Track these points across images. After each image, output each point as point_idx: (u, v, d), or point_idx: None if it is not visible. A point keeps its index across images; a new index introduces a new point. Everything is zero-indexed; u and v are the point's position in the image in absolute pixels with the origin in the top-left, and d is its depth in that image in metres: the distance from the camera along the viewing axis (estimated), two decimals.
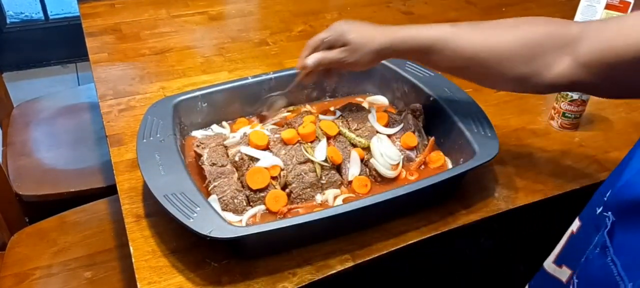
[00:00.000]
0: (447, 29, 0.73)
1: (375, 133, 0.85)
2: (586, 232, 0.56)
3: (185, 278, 0.69)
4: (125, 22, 1.33)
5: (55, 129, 1.42)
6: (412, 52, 0.76)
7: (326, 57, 0.79)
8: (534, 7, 1.52)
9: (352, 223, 0.76)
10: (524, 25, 0.71)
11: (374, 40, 0.76)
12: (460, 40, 0.72)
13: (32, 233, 1.10)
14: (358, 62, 0.78)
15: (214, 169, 0.77)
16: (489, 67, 0.71)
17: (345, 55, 0.77)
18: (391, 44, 0.75)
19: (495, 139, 0.81)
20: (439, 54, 0.74)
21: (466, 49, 0.72)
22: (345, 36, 0.77)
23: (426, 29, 0.74)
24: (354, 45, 0.76)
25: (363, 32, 0.76)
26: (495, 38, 0.71)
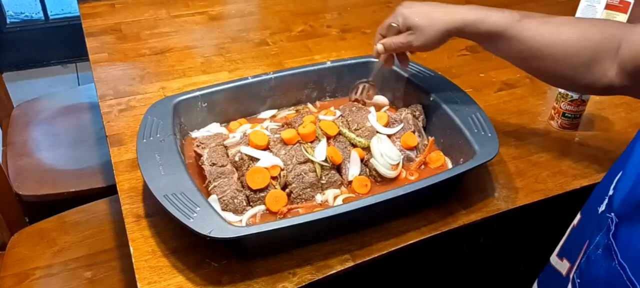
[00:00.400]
0: (516, 17, 0.73)
1: (375, 133, 0.85)
2: (586, 227, 0.56)
3: (185, 278, 0.69)
4: (125, 22, 1.33)
5: (55, 129, 1.42)
6: (477, 35, 0.76)
7: (393, 42, 0.80)
8: (534, 7, 1.52)
9: (352, 223, 0.76)
10: (586, 25, 0.71)
11: (439, 22, 0.76)
12: (527, 32, 0.72)
13: (32, 233, 1.10)
14: (425, 44, 0.78)
15: (214, 169, 0.77)
16: (550, 63, 0.72)
17: (412, 38, 0.78)
18: (458, 25, 0.75)
19: (495, 139, 0.81)
20: (505, 42, 0.74)
21: (531, 41, 0.72)
22: (408, 20, 0.77)
23: (495, 14, 0.74)
24: (419, 28, 0.76)
25: (426, 14, 0.76)
26: (560, 34, 0.71)
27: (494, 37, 0.75)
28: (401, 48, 0.81)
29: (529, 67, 0.78)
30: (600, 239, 0.50)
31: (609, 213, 0.50)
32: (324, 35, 1.33)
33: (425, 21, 0.76)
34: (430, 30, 0.76)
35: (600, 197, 0.54)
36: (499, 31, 0.74)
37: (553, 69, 0.73)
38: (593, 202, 0.57)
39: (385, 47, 0.82)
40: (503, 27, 0.73)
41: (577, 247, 0.56)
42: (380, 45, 0.82)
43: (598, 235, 0.51)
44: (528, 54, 0.74)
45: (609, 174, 0.56)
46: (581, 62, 0.70)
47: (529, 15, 0.74)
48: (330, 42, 1.29)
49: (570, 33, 0.71)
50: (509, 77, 1.17)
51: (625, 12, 1.11)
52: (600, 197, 0.54)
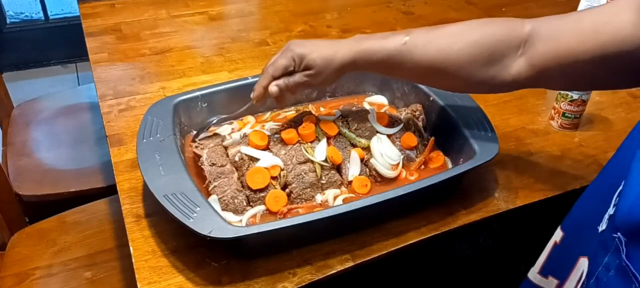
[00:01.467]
0: (401, 40, 0.72)
1: (375, 133, 0.85)
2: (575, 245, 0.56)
3: (185, 278, 0.69)
4: (125, 22, 1.33)
5: (55, 129, 1.42)
6: (373, 66, 0.75)
7: (289, 83, 0.76)
8: (534, 7, 1.52)
9: (352, 223, 0.76)
10: (476, 30, 0.70)
11: (336, 59, 0.73)
12: (416, 51, 0.71)
13: (32, 233, 1.10)
14: (323, 82, 0.76)
15: (214, 169, 0.77)
16: (449, 74, 0.71)
17: (309, 79, 0.75)
18: (353, 59, 0.74)
19: (495, 139, 0.81)
20: (399, 67, 0.73)
21: (424, 59, 0.71)
22: (306, 59, 0.74)
23: (383, 42, 0.73)
24: (318, 68, 0.74)
25: (323, 52, 0.74)
26: (450, 47, 0.70)
27: (386, 65, 0.73)
28: (297, 88, 0.77)
29: (432, 83, 0.78)
30: (609, 260, 0.49)
31: (614, 232, 0.48)
32: (324, 35, 1.33)
33: (324, 60, 0.73)
34: (329, 70, 0.74)
35: (593, 214, 0.53)
36: (390, 58, 0.72)
37: (453, 81, 0.73)
38: (582, 219, 0.57)
39: (281, 88, 0.76)
40: (392, 52, 0.72)
41: (565, 265, 0.55)
42: (275, 86, 0.76)
43: (605, 255, 0.49)
44: (424, 72, 0.73)
45: (599, 189, 0.55)
46: (478, 67, 0.69)
47: (414, 33, 0.72)
48: None
49: (461, 43, 0.70)
50: None
51: None
52: (596, 214, 0.53)
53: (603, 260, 0.50)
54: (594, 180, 0.58)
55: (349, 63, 0.74)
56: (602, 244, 0.50)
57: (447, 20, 1.42)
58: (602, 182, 0.56)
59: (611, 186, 0.52)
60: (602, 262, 0.50)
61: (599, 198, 0.53)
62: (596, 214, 0.53)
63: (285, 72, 0.76)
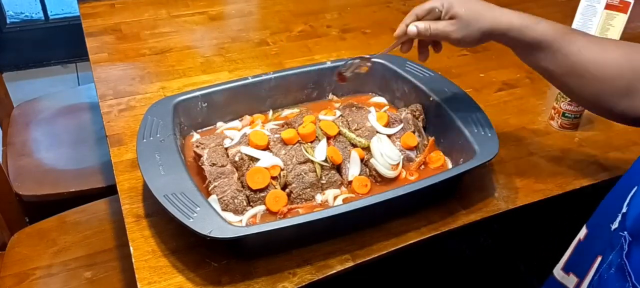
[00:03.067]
0: (564, 30, 0.69)
1: (375, 133, 0.85)
2: (595, 243, 0.55)
3: (185, 278, 0.69)
4: (125, 22, 1.33)
5: (55, 128, 1.42)
6: (520, 42, 0.71)
7: (431, 27, 0.73)
8: (534, 6, 1.52)
9: (352, 223, 0.76)
10: (632, 50, 0.68)
11: (485, 19, 0.71)
12: (574, 46, 0.69)
13: (32, 233, 1.10)
14: (464, 39, 0.73)
15: (214, 169, 0.77)
16: (593, 82, 0.68)
17: (453, 29, 0.72)
18: (503, 28, 0.71)
19: (495, 139, 0.81)
20: (549, 54, 0.70)
21: (576, 58, 0.69)
22: (454, 9, 0.71)
23: (542, 23, 0.70)
24: (464, 20, 0.71)
25: (475, 8, 0.71)
26: (604, 55, 0.68)
27: (537, 47, 0.70)
28: (437, 36, 0.74)
29: (565, 85, 0.73)
30: (613, 258, 0.49)
31: (622, 231, 0.49)
32: (324, 35, 1.33)
33: (472, 15, 0.71)
34: (475, 26, 0.71)
35: (611, 212, 0.53)
36: (546, 42, 0.69)
37: (591, 90, 0.69)
38: (602, 217, 0.56)
39: (420, 30, 0.74)
40: (550, 38, 0.69)
41: (585, 263, 0.55)
42: (414, 27, 0.74)
43: (611, 253, 0.50)
44: (569, 69, 0.70)
45: (620, 188, 0.55)
46: (622, 86, 0.67)
47: (576, 30, 0.70)
48: (330, 42, 1.29)
49: (615, 53, 0.68)
50: (509, 77, 1.17)
51: (625, 12, 1.11)
52: (612, 212, 0.53)
53: (608, 257, 0.50)
54: (620, 179, 0.57)
55: (500, 30, 0.71)
56: (611, 242, 0.50)
57: None
58: (624, 180, 0.56)
59: (628, 187, 0.52)
60: (607, 259, 0.50)
61: (618, 197, 0.53)
62: (613, 213, 0.52)
63: (431, 16, 0.74)
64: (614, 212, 0.52)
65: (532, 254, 1.22)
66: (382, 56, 0.96)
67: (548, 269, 0.66)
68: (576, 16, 1.17)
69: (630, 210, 0.49)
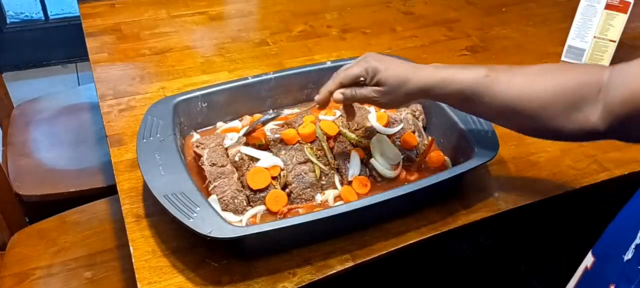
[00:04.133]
0: (483, 73, 0.69)
1: (375, 133, 0.85)
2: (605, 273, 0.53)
3: (185, 278, 0.69)
4: (125, 22, 1.33)
5: (55, 129, 1.41)
6: (446, 96, 0.72)
7: (356, 94, 0.74)
8: (534, 6, 1.52)
9: (352, 223, 0.76)
10: (559, 72, 0.68)
11: (409, 83, 0.71)
12: (498, 87, 0.68)
13: (32, 233, 1.10)
14: (390, 103, 0.74)
15: (214, 169, 0.77)
16: (527, 115, 0.68)
17: (378, 95, 0.73)
18: (427, 87, 0.71)
19: (495, 139, 0.81)
20: (477, 101, 0.70)
21: (503, 97, 0.68)
22: (379, 75, 0.72)
23: (462, 72, 0.70)
24: (389, 87, 0.72)
25: (398, 73, 0.71)
26: (532, 86, 0.67)
27: (463, 97, 0.70)
28: (365, 102, 0.75)
29: (506, 123, 0.74)
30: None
31: (638, 264, 0.47)
32: (324, 35, 1.33)
33: (397, 81, 0.71)
34: (400, 91, 0.72)
35: (622, 241, 0.51)
36: (469, 90, 0.69)
37: (531, 123, 0.69)
38: (611, 246, 0.54)
39: (346, 97, 0.74)
40: (473, 85, 0.69)
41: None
42: (340, 94, 0.74)
43: (628, 286, 0.48)
44: (501, 110, 0.69)
45: (630, 214, 0.53)
46: (558, 111, 0.66)
47: (496, 69, 0.70)
48: (330, 42, 1.29)
49: (543, 83, 0.67)
50: None
51: (625, 12, 1.11)
52: (623, 241, 0.51)
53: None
54: (628, 202, 0.55)
55: (423, 90, 0.72)
56: (626, 275, 0.49)
57: (447, 21, 1.42)
58: (633, 206, 0.54)
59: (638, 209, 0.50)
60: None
61: (629, 224, 0.51)
62: (624, 241, 0.51)
63: (355, 82, 0.74)
64: (625, 241, 0.50)
65: (532, 254, 1.22)
66: None
67: (548, 269, 0.66)
68: (576, 16, 1.18)
69: None
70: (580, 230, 0.65)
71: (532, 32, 1.38)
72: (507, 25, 1.42)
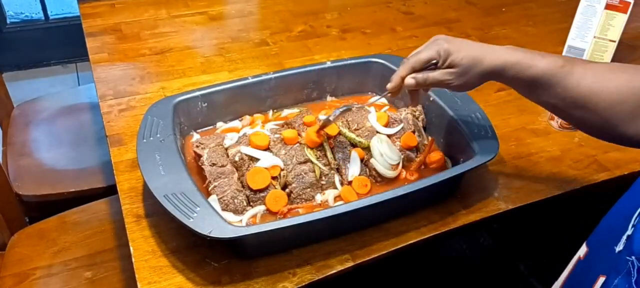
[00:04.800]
0: (559, 63, 0.67)
1: (375, 133, 0.85)
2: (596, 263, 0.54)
3: (185, 278, 0.69)
4: (125, 22, 1.33)
5: (55, 129, 1.41)
6: (518, 80, 0.70)
7: (429, 78, 0.72)
8: (534, 6, 1.52)
9: (352, 223, 0.76)
10: (632, 74, 0.66)
11: (483, 62, 0.70)
12: (571, 78, 0.67)
13: (32, 233, 1.10)
14: (464, 85, 0.72)
15: (214, 169, 0.77)
16: (596, 111, 0.66)
17: (451, 77, 0.71)
18: (501, 68, 0.69)
19: (495, 139, 0.81)
20: (547, 89, 0.69)
21: (577, 88, 0.67)
22: (452, 57, 0.70)
23: (538, 59, 0.68)
24: (462, 68, 0.70)
25: (471, 53, 0.70)
26: (604, 83, 0.66)
27: (536, 85, 0.69)
28: (437, 86, 0.74)
29: (570, 117, 0.71)
30: (619, 283, 0.48)
31: (629, 255, 0.47)
32: (324, 35, 1.33)
33: (470, 62, 0.70)
34: (473, 72, 0.70)
35: (615, 232, 0.51)
36: (543, 78, 0.68)
37: (596, 119, 0.67)
38: (604, 236, 0.55)
39: (418, 81, 0.72)
40: (548, 74, 0.67)
41: (586, 282, 0.54)
42: (412, 79, 0.72)
43: (616, 277, 0.49)
44: (570, 102, 0.68)
45: (624, 207, 0.54)
46: (627, 112, 0.65)
47: (572, 61, 0.68)
48: (330, 42, 1.29)
49: (616, 80, 0.65)
50: None
51: (625, 12, 1.11)
52: (615, 233, 0.51)
53: (613, 282, 0.49)
54: (623, 195, 0.56)
55: (497, 70, 0.70)
56: (615, 265, 0.49)
57: (447, 21, 1.42)
58: (628, 199, 0.54)
59: (634, 206, 0.50)
60: (612, 283, 0.49)
61: (622, 217, 0.52)
62: (616, 233, 0.51)
63: (427, 66, 0.73)
64: (617, 233, 0.51)
65: (532, 254, 1.22)
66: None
67: (548, 269, 0.66)
68: (576, 16, 1.18)
69: (637, 233, 0.48)
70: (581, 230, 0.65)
71: (532, 32, 1.38)
72: (507, 25, 1.42)
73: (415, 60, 0.73)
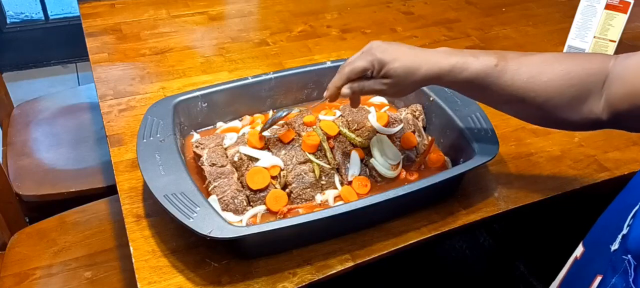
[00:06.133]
0: (493, 63, 0.68)
1: (375, 133, 0.85)
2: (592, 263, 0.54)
3: (185, 278, 0.69)
4: (125, 22, 1.33)
5: (55, 129, 1.41)
6: (455, 84, 0.71)
7: (364, 87, 0.72)
8: (534, 6, 1.52)
9: (352, 223, 0.76)
10: (568, 60, 0.67)
11: (418, 72, 0.69)
12: (506, 75, 0.67)
13: (32, 233, 1.10)
14: (398, 93, 0.73)
15: (214, 169, 0.77)
16: (534, 104, 0.68)
17: (386, 87, 0.71)
18: (436, 75, 0.69)
19: (495, 139, 0.81)
20: (485, 89, 0.69)
21: (512, 85, 0.68)
22: (385, 67, 0.70)
23: (472, 61, 0.68)
24: (397, 78, 0.70)
25: (406, 63, 0.69)
26: (541, 75, 0.67)
27: (472, 85, 0.69)
28: (373, 94, 0.74)
29: (513, 111, 0.73)
30: (616, 282, 0.48)
31: (625, 254, 0.47)
32: (324, 35, 1.33)
33: (404, 72, 0.69)
34: (408, 81, 0.70)
35: (610, 232, 0.51)
36: (477, 79, 0.68)
37: (537, 112, 0.69)
38: (600, 236, 0.55)
39: (354, 90, 0.73)
40: (480, 74, 0.68)
41: (583, 283, 0.54)
42: (348, 88, 0.72)
43: (613, 276, 0.48)
44: (509, 98, 0.69)
45: (619, 206, 0.54)
46: (565, 102, 0.66)
47: (506, 56, 0.69)
48: (330, 42, 1.29)
49: (551, 73, 0.67)
50: None
51: (625, 12, 1.11)
52: (611, 232, 0.51)
53: (610, 281, 0.49)
54: (619, 194, 0.56)
55: (433, 78, 0.70)
56: (612, 264, 0.49)
57: (447, 21, 1.42)
58: (622, 198, 0.54)
59: (629, 205, 0.50)
60: (610, 282, 0.49)
61: (617, 216, 0.52)
62: (612, 232, 0.51)
63: (362, 76, 0.72)
64: (612, 232, 0.51)
65: (532, 254, 1.22)
66: None
67: (548, 269, 0.66)
68: (576, 16, 1.18)
69: (632, 231, 0.48)
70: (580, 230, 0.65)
71: (532, 32, 1.38)
72: (507, 25, 1.42)
73: (350, 70, 0.72)
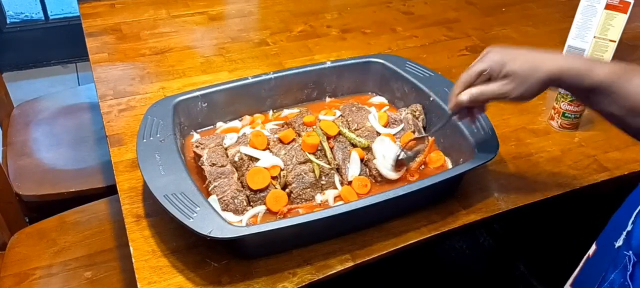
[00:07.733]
0: (619, 71, 0.64)
1: (375, 133, 0.85)
2: (602, 260, 0.54)
3: (185, 278, 0.69)
4: (125, 22, 1.33)
5: (55, 129, 1.41)
6: (577, 88, 0.67)
7: (485, 91, 0.68)
8: (534, 7, 1.52)
9: (352, 223, 0.76)
10: None
11: (541, 69, 0.66)
12: (630, 87, 0.64)
13: (32, 233, 1.10)
14: (523, 95, 0.68)
15: (214, 169, 0.77)
16: None
17: (510, 88, 0.67)
18: (559, 75, 0.66)
19: (495, 139, 0.81)
20: (606, 97, 0.65)
21: (636, 97, 0.64)
22: (507, 67, 0.66)
23: (598, 66, 0.65)
24: (520, 76, 0.66)
25: (527, 60, 0.66)
26: None
27: (595, 92, 0.66)
28: (494, 99, 0.69)
29: (626, 124, 0.67)
30: (615, 277, 0.48)
31: (627, 250, 0.47)
32: (324, 35, 1.33)
33: (527, 69, 0.66)
34: (532, 79, 0.66)
35: (616, 230, 0.52)
36: (602, 86, 0.65)
37: None
38: (609, 234, 0.55)
39: (473, 97, 0.68)
40: (607, 81, 0.64)
41: (592, 280, 0.54)
42: (466, 95, 0.69)
43: (613, 272, 0.49)
44: (628, 111, 0.65)
45: (628, 205, 0.54)
46: None
47: (632, 68, 0.65)
48: (330, 42, 1.29)
49: None
50: None
51: (625, 12, 1.11)
52: (617, 230, 0.51)
53: (610, 276, 0.49)
54: (630, 194, 0.55)
55: (555, 77, 0.66)
56: (614, 260, 0.49)
57: (447, 21, 1.42)
58: (632, 198, 0.54)
59: (635, 203, 0.50)
60: (609, 277, 0.49)
61: (624, 215, 0.52)
62: (618, 230, 0.51)
63: (481, 79, 0.69)
64: (619, 230, 0.51)
65: (532, 254, 1.22)
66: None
67: (548, 269, 0.66)
68: (576, 16, 1.17)
69: (635, 228, 0.48)
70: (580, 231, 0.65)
71: (532, 32, 1.38)
72: (507, 25, 1.42)
73: (467, 75, 0.70)
